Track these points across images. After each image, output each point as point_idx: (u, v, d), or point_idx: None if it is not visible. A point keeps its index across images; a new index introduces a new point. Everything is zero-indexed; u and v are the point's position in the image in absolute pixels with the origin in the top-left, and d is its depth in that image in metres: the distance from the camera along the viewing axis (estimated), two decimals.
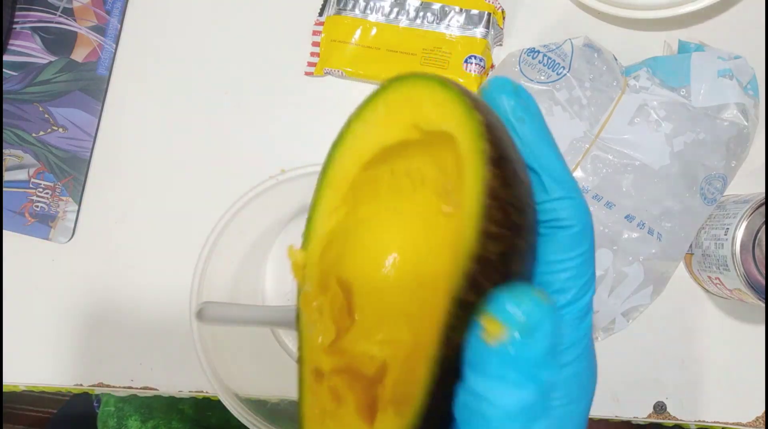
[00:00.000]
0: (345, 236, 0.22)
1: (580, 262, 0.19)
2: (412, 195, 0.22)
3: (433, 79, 0.19)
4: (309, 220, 0.22)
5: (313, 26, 0.51)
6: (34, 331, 0.50)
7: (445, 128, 0.19)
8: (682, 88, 0.43)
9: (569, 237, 0.19)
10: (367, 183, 0.22)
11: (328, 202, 0.22)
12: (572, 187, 0.20)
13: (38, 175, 0.50)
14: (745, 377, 0.47)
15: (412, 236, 0.22)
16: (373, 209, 0.22)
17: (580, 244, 0.19)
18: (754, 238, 0.40)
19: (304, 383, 0.22)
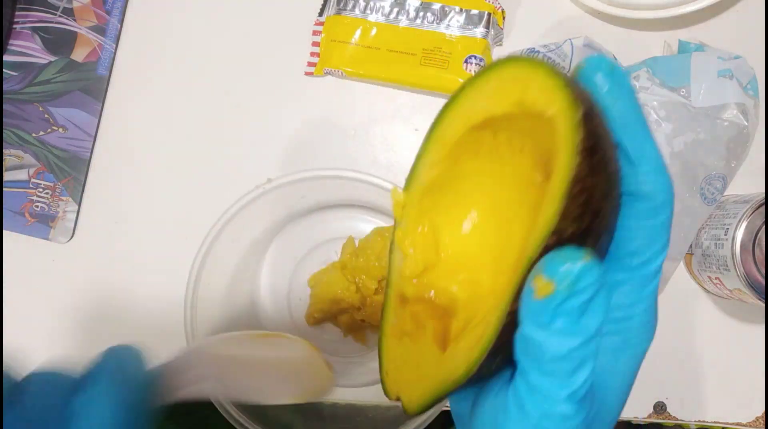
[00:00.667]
0: (443, 186, 0.25)
1: (655, 230, 0.21)
2: (509, 159, 0.24)
3: (544, 65, 0.21)
4: (413, 167, 0.25)
5: (313, 26, 0.51)
6: (34, 331, 0.50)
7: (548, 112, 0.20)
8: (682, 88, 0.43)
9: (649, 208, 0.21)
10: (470, 143, 0.24)
11: (433, 155, 0.24)
12: (657, 163, 0.21)
13: (38, 175, 0.50)
14: (745, 377, 0.47)
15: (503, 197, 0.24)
16: (472, 167, 0.25)
17: (658, 215, 0.21)
18: (754, 238, 0.40)
19: (389, 304, 0.25)
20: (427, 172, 0.25)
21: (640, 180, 0.21)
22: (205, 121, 0.51)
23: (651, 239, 0.21)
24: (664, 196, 0.21)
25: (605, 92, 0.21)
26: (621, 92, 0.21)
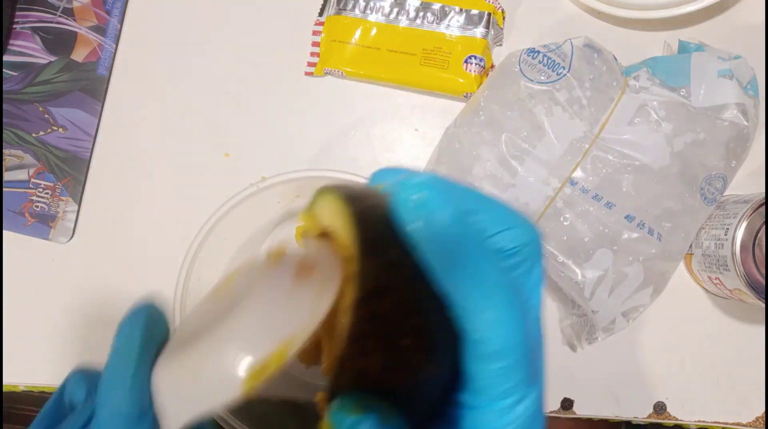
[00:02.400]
0: None
1: (497, 373, 0.19)
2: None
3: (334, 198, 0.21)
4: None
5: (313, 26, 0.51)
6: (34, 331, 0.50)
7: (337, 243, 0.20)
8: (682, 88, 0.43)
9: (486, 354, 0.19)
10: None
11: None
12: (492, 306, 0.19)
13: (38, 175, 0.50)
14: (745, 377, 0.47)
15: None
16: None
17: (499, 361, 0.19)
18: (754, 238, 0.40)
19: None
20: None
21: (473, 326, 0.19)
22: (205, 121, 0.51)
23: (495, 381, 0.19)
24: (502, 344, 0.19)
25: (412, 234, 0.18)
26: (432, 227, 0.18)
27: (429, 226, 0.18)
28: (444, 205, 0.18)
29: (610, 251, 0.42)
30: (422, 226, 0.18)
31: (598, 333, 0.44)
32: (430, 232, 0.18)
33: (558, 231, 0.42)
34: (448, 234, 0.18)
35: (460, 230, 0.19)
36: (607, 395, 0.47)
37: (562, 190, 0.42)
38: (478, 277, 0.19)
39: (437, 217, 0.18)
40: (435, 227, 0.18)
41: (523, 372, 0.20)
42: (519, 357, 0.19)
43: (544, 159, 0.42)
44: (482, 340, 0.19)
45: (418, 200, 0.18)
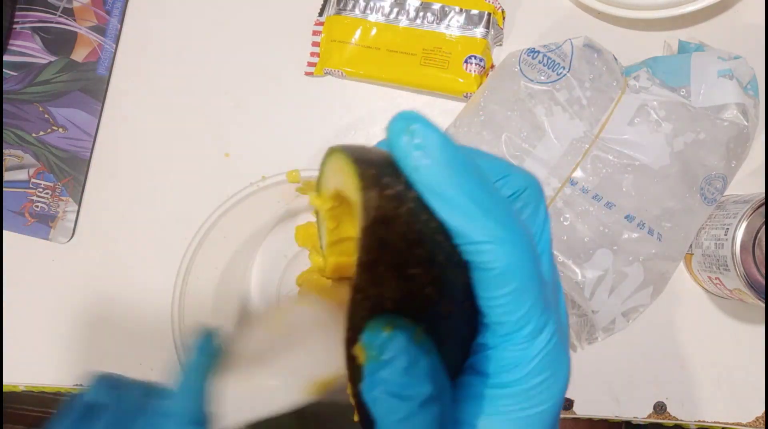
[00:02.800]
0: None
1: (507, 300, 0.19)
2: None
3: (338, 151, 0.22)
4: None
5: (313, 26, 0.51)
6: (34, 331, 0.50)
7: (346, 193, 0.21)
8: (682, 88, 0.43)
9: (492, 278, 0.19)
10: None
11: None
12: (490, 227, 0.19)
13: (38, 175, 0.50)
14: (745, 377, 0.47)
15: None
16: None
17: (506, 284, 0.19)
18: (754, 238, 0.40)
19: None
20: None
21: (472, 249, 0.19)
22: (205, 121, 0.51)
23: (507, 309, 0.19)
24: (505, 263, 0.19)
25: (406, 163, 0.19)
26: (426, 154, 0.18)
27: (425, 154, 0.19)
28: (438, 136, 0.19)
29: (610, 251, 0.42)
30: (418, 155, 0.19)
31: (598, 333, 0.44)
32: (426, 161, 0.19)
33: (558, 231, 0.42)
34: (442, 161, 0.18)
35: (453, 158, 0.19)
36: (607, 395, 0.47)
37: (562, 190, 0.42)
38: (474, 198, 0.19)
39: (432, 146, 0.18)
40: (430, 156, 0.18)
41: (533, 295, 0.19)
42: (525, 279, 0.19)
43: (544, 159, 0.42)
44: (485, 263, 0.19)
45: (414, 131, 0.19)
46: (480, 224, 0.19)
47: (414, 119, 0.19)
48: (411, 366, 0.18)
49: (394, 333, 0.18)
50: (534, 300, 0.19)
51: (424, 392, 0.18)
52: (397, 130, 0.19)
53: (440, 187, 0.18)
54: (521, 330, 0.19)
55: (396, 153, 0.19)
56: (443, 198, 0.18)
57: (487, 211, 0.19)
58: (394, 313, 0.19)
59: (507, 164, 0.21)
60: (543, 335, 0.20)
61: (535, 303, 0.19)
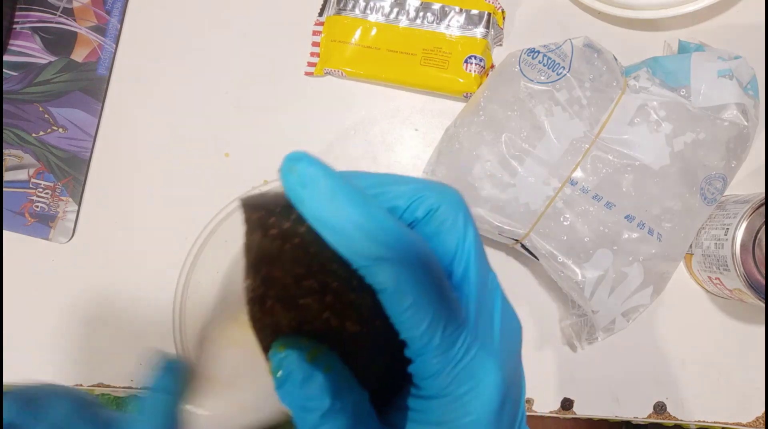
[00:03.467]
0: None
1: (407, 316, 0.20)
2: None
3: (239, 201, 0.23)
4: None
5: (313, 26, 0.51)
6: (34, 331, 0.50)
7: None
8: (682, 88, 0.43)
9: (389, 297, 0.20)
10: None
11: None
12: (373, 249, 0.19)
13: (38, 175, 0.50)
14: (745, 377, 0.47)
15: None
16: None
17: (401, 302, 0.20)
18: (754, 238, 0.40)
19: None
20: None
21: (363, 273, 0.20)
22: (205, 121, 0.51)
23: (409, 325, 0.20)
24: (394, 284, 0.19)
25: (293, 196, 0.20)
26: (307, 189, 0.19)
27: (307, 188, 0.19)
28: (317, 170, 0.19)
29: (610, 251, 0.42)
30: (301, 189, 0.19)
31: (598, 333, 0.44)
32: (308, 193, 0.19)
33: (558, 231, 0.42)
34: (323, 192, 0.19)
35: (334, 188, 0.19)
36: (607, 395, 0.47)
37: (562, 190, 0.42)
38: (354, 223, 0.19)
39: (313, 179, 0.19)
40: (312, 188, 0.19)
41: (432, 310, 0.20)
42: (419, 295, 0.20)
43: (544, 159, 0.42)
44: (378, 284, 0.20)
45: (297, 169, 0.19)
46: (363, 247, 0.19)
47: (298, 159, 0.20)
48: (305, 381, 0.20)
49: (286, 352, 0.20)
50: (433, 315, 0.20)
51: (323, 405, 0.20)
52: (284, 171, 0.20)
53: (323, 215, 0.19)
54: (428, 344, 0.20)
55: (286, 191, 0.20)
56: (327, 226, 0.19)
57: (368, 234, 0.19)
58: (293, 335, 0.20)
59: (419, 186, 0.22)
60: (455, 349, 0.20)
61: (435, 318, 0.20)
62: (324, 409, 0.20)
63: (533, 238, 0.42)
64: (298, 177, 0.19)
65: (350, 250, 0.19)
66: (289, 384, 0.20)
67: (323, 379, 0.20)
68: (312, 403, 0.20)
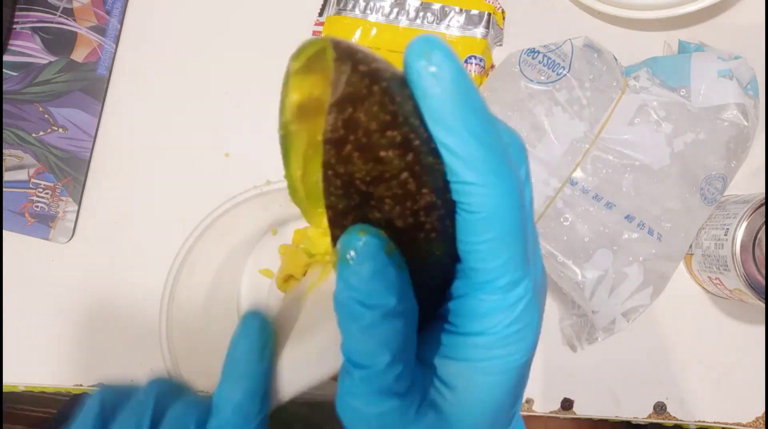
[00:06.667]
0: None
1: (486, 247, 0.19)
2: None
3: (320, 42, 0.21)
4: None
5: (313, 26, 0.51)
6: (34, 331, 0.50)
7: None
8: (682, 88, 0.43)
9: (474, 222, 0.19)
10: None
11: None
12: (484, 170, 0.18)
13: (38, 175, 0.50)
14: (745, 377, 0.47)
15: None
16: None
17: (487, 231, 0.19)
18: (754, 238, 0.40)
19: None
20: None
21: (461, 189, 0.19)
22: (205, 121, 0.51)
23: (485, 256, 0.19)
24: (490, 209, 0.18)
25: (419, 85, 0.18)
26: (437, 84, 0.18)
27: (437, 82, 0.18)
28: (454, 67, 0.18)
29: (610, 251, 0.42)
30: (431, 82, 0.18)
31: (598, 333, 0.44)
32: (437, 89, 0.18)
33: (558, 231, 0.42)
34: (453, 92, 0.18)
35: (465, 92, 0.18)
36: (607, 395, 0.47)
37: (562, 190, 0.42)
38: (475, 137, 0.18)
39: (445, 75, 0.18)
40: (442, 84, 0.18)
41: (512, 247, 0.19)
42: (508, 229, 0.19)
43: (544, 159, 0.42)
44: (470, 205, 0.18)
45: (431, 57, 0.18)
46: (475, 165, 0.18)
47: (434, 45, 0.18)
48: (377, 274, 0.18)
49: (366, 238, 0.18)
50: (513, 252, 0.19)
51: (388, 303, 0.18)
52: (415, 53, 0.18)
53: (446, 118, 0.18)
54: (496, 280, 0.19)
55: (409, 75, 0.18)
56: (447, 129, 0.18)
57: (485, 153, 0.18)
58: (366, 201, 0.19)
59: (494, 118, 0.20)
60: (518, 289, 0.19)
61: (513, 255, 0.19)
62: (388, 307, 0.18)
63: None
64: (430, 67, 0.18)
65: (459, 163, 0.18)
66: (358, 275, 0.18)
67: (394, 277, 0.18)
68: (376, 300, 0.18)
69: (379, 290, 0.18)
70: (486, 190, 0.18)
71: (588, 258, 0.42)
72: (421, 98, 0.18)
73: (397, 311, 0.18)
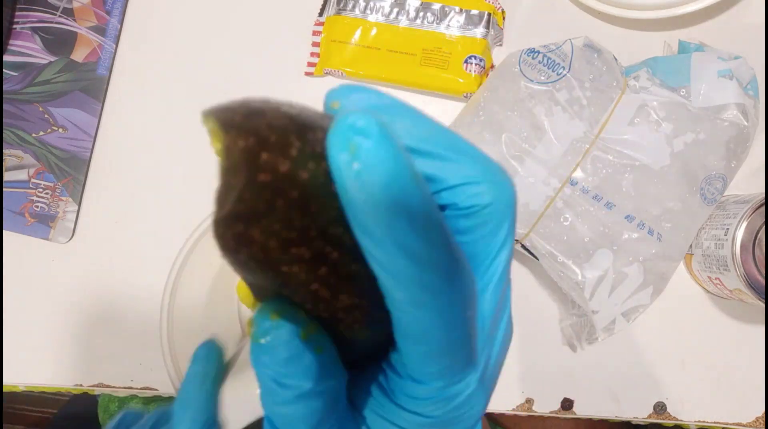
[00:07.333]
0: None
1: (420, 358, 0.17)
2: None
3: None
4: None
5: (313, 26, 0.51)
6: (34, 331, 0.50)
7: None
8: (682, 88, 0.43)
9: (405, 334, 0.17)
10: None
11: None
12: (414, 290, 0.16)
13: (38, 175, 0.50)
14: (745, 377, 0.47)
15: None
16: None
17: (418, 345, 0.17)
18: (754, 238, 0.40)
19: None
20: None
21: (388, 301, 0.16)
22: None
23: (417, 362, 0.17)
24: (421, 330, 0.16)
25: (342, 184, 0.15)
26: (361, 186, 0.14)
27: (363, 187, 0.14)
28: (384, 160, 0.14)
29: (610, 251, 0.42)
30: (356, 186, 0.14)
31: (598, 333, 0.44)
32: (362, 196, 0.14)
33: (558, 231, 0.42)
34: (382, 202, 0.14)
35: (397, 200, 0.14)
36: (607, 395, 0.47)
37: (562, 190, 0.42)
38: (408, 253, 0.15)
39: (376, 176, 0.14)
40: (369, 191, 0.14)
41: (449, 358, 0.17)
42: (441, 345, 0.17)
43: (544, 159, 0.42)
44: (398, 319, 0.16)
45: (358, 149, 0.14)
46: (405, 283, 0.15)
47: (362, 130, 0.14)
48: (292, 359, 0.17)
49: (279, 323, 0.17)
50: (450, 362, 0.17)
51: (303, 387, 0.17)
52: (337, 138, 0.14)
53: (372, 229, 0.15)
54: (430, 383, 0.18)
55: (331, 166, 0.15)
56: (373, 241, 0.15)
57: (418, 271, 0.15)
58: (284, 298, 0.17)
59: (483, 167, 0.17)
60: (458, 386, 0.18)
61: (451, 364, 0.17)
62: (302, 391, 0.17)
63: (533, 238, 0.42)
64: (355, 164, 0.14)
65: (390, 277, 0.15)
66: (271, 357, 0.17)
67: (311, 361, 0.17)
68: (290, 382, 0.17)
69: (293, 374, 0.17)
70: (417, 311, 0.16)
71: (588, 258, 0.42)
72: (344, 202, 0.15)
73: (314, 392, 0.17)
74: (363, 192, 0.14)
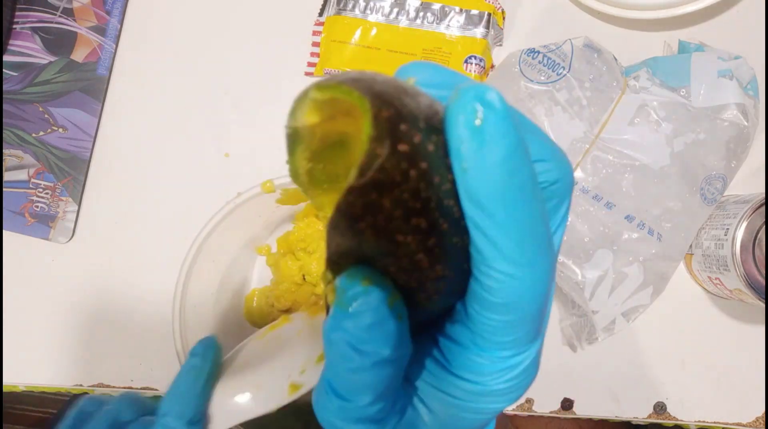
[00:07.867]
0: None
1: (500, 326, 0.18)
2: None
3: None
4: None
5: (313, 26, 0.51)
6: (34, 331, 0.50)
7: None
8: (682, 88, 0.43)
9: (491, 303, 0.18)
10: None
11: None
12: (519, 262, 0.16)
13: (38, 175, 0.50)
14: (745, 377, 0.47)
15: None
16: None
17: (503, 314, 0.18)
18: (754, 238, 0.40)
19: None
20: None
21: (483, 270, 0.17)
22: (205, 121, 0.51)
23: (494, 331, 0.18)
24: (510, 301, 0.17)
25: (459, 152, 0.16)
26: (483, 157, 0.15)
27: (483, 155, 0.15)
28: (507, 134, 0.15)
29: (610, 251, 0.42)
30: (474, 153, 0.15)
31: (598, 333, 0.44)
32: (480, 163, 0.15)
33: None
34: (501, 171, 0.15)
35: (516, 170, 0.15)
36: (607, 395, 0.47)
37: None
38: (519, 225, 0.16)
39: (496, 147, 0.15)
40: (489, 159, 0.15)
41: (525, 329, 0.18)
42: (524, 315, 0.18)
43: None
44: (491, 290, 0.17)
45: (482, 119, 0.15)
46: (511, 256, 0.16)
47: (489, 103, 0.15)
48: (375, 325, 0.17)
49: (370, 289, 0.17)
50: (525, 331, 0.18)
51: (382, 354, 0.17)
52: (460, 107, 0.15)
53: (486, 202, 0.16)
54: (501, 351, 0.18)
55: (448, 135, 0.16)
56: (486, 214, 0.16)
57: (525, 244, 0.16)
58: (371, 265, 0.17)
59: (551, 147, 0.18)
60: (522, 356, 0.19)
61: (525, 333, 0.18)
62: (381, 357, 0.17)
63: None
64: (482, 133, 0.15)
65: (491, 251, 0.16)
66: (355, 322, 0.17)
67: (392, 328, 0.17)
68: (369, 348, 0.17)
69: (374, 340, 0.17)
70: (511, 282, 0.17)
71: (588, 258, 0.42)
72: (460, 173, 0.16)
73: (389, 360, 0.18)
74: (483, 163, 0.15)
